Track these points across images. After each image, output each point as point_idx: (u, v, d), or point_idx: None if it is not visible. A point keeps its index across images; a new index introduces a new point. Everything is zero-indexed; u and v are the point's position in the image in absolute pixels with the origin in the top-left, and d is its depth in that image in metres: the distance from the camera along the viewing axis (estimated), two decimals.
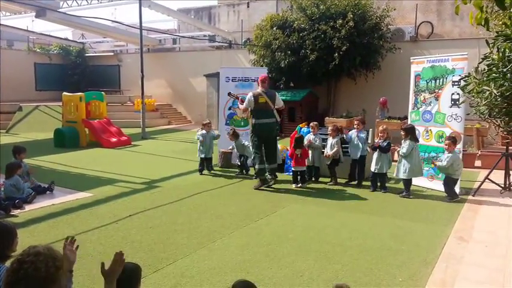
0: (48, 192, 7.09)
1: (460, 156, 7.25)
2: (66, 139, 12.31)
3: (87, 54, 23.52)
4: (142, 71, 14.91)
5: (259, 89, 7.76)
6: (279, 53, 14.37)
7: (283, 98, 14.12)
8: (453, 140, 6.94)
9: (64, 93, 13.50)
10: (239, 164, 9.00)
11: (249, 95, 7.72)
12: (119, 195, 7.10)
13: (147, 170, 9.16)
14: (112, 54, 23.61)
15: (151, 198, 6.94)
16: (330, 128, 8.27)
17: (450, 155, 6.86)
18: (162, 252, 4.66)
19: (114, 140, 12.74)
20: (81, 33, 24.86)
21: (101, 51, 24.62)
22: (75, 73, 22.66)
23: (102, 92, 14.16)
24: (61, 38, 23.95)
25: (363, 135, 7.83)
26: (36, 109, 16.99)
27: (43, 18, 16.67)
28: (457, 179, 6.99)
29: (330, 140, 8.03)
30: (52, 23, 18.86)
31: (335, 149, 7.89)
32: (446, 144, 6.95)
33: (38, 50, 22.81)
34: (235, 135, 8.84)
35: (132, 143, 13.11)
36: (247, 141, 8.64)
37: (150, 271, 4.18)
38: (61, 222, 5.68)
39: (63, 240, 4.95)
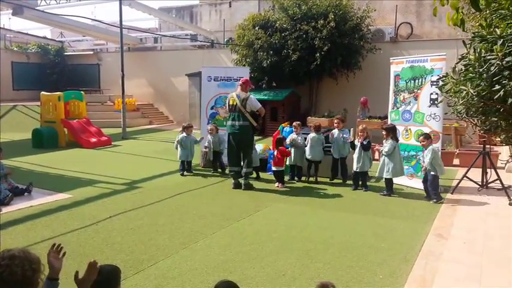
0: (26, 193, 6.93)
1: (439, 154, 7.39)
2: (44, 139, 12.07)
3: (66, 53, 23.10)
4: (122, 70, 14.73)
5: (235, 91, 7.79)
6: (261, 53, 14.39)
7: (266, 97, 14.22)
8: (426, 135, 7.05)
9: (42, 92, 13.23)
10: (211, 160, 9.05)
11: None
12: (99, 196, 6.99)
13: (127, 170, 9.05)
14: (92, 53, 23.27)
15: (132, 199, 6.86)
16: (311, 124, 8.43)
17: (430, 147, 6.97)
18: (143, 254, 4.61)
19: (93, 140, 12.55)
20: (60, 31, 24.41)
21: (81, 50, 24.22)
22: (54, 72, 22.22)
23: (82, 92, 13.95)
24: (39, 37, 23.46)
25: (346, 135, 7.92)
26: (13, 109, 16.63)
27: (20, 16, 16.28)
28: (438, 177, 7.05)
29: (311, 135, 8.19)
30: (30, 21, 18.46)
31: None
32: (421, 141, 7.05)
33: (15, 49, 22.32)
34: (216, 129, 8.92)
35: (112, 143, 12.93)
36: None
37: (130, 273, 4.13)
38: (39, 224, 5.56)
39: (41, 242, 4.92)
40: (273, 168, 7.96)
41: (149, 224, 5.60)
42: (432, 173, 6.83)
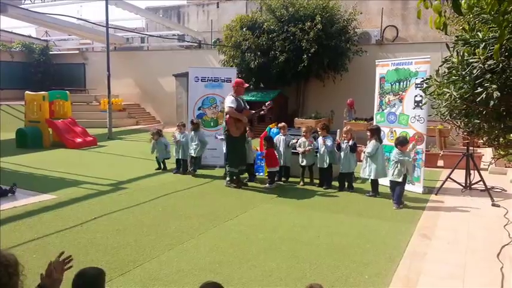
0: (9, 194, 6.83)
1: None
2: (28, 139, 11.91)
3: (51, 52, 22.78)
4: (108, 70, 14.61)
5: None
6: (249, 54, 14.40)
7: (253, 99, 14.26)
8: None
9: (27, 92, 13.04)
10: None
11: None
12: (84, 197, 6.92)
13: (113, 171, 8.97)
14: (77, 52, 22.99)
15: (117, 200, 6.80)
16: (303, 129, 8.34)
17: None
18: (129, 255, 4.58)
19: (79, 140, 12.42)
20: (45, 30, 24.08)
21: (66, 49, 23.90)
22: (39, 71, 21.92)
23: (67, 91, 13.79)
24: (24, 35, 23.11)
25: (329, 143, 7.77)
26: None
27: (4, 14, 15.99)
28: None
29: (303, 140, 8.09)
30: (14, 19, 18.18)
31: (310, 146, 7.97)
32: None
33: None
34: (197, 125, 8.87)
35: (98, 143, 12.82)
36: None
37: (116, 274, 4.10)
38: (23, 226, 5.48)
39: (24, 244, 4.85)
40: (268, 170, 7.97)
41: (135, 225, 5.56)
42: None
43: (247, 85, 8.12)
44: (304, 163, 8.04)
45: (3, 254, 1.93)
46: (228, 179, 7.85)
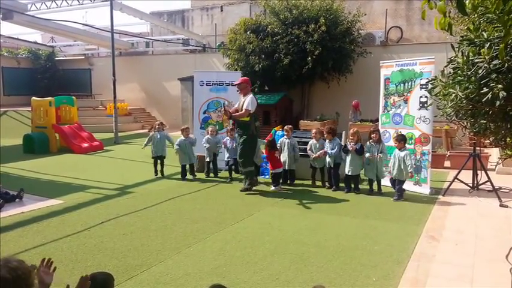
0: (17, 200, 6.88)
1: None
2: (35, 145, 11.99)
3: (57, 58, 22.96)
4: (114, 75, 14.69)
5: (251, 94, 7.79)
6: (253, 57, 14.41)
7: (258, 101, 14.24)
8: (402, 137, 7.28)
9: (33, 98, 13.15)
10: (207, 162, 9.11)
11: (253, 98, 7.67)
12: (91, 201, 6.95)
13: (120, 175, 9.01)
14: (83, 57, 23.15)
15: (124, 204, 6.83)
16: (313, 130, 8.35)
17: (406, 152, 7.16)
18: (136, 259, 4.59)
19: (85, 145, 12.49)
20: (50, 36, 24.27)
21: (72, 55, 24.07)
22: (45, 77, 22.09)
23: (73, 97, 13.89)
24: (30, 42, 23.30)
25: (333, 150, 7.76)
26: (4, 114, 16.50)
27: (10, 21, 16.14)
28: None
29: (313, 142, 8.10)
30: (20, 26, 18.34)
31: (323, 150, 7.95)
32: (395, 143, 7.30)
33: (5, 54, 22.12)
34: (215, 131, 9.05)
35: (104, 148, 12.88)
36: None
37: (123, 279, 4.11)
38: (31, 231, 5.52)
39: (32, 249, 4.88)
40: (272, 171, 7.98)
41: (142, 229, 5.58)
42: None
43: (236, 82, 8.02)
44: (315, 165, 8.07)
45: (20, 266, 1.88)
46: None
